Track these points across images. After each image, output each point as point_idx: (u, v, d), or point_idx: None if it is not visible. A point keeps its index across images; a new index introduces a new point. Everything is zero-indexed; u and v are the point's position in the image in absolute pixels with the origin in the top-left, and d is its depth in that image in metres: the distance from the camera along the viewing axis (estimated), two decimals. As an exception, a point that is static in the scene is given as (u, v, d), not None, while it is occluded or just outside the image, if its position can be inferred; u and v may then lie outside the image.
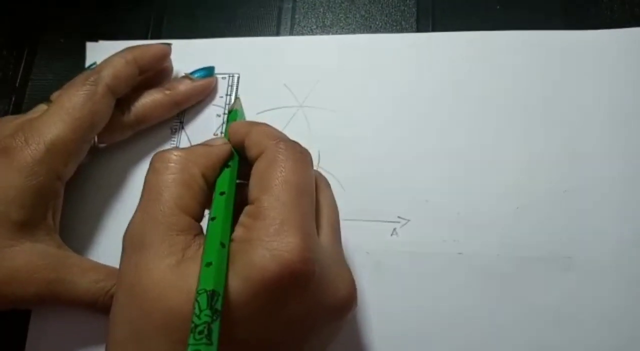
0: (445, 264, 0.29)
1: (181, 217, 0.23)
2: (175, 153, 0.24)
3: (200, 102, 0.34)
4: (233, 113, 0.30)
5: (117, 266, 0.30)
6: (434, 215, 0.30)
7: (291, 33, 0.37)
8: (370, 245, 0.30)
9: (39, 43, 0.39)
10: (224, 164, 0.25)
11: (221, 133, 0.34)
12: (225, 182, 0.25)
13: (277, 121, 0.33)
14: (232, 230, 0.23)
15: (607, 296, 0.28)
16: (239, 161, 0.26)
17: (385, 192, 0.31)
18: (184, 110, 0.34)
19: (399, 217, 0.31)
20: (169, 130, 0.34)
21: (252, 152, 0.25)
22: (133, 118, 0.32)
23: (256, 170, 0.24)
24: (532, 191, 0.30)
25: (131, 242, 0.23)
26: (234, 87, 0.35)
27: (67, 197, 0.31)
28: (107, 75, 0.30)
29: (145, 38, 0.38)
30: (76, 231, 0.32)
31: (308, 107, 0.34)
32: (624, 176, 0.30)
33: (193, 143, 0.34)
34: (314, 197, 0.24)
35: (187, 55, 0.35)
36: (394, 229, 0.31)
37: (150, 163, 0.24)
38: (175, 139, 0.34)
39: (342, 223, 0.30)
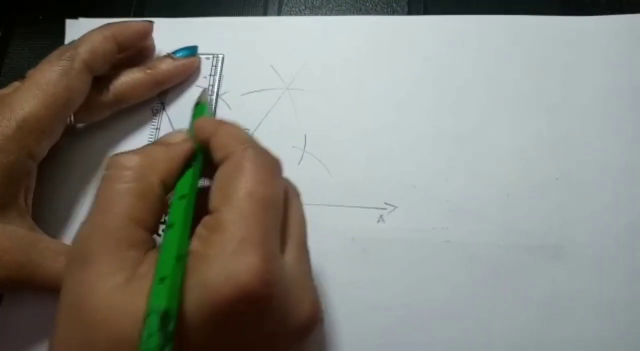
0: (433, 252, 0.29)
1: (134, 230, 0.21)
2: (132, 159, 0.22)
3: (183, 83, 0.33)
4: (199, 107, 0.27)
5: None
6: (422, 202, 0.30)
7: (279, 13, 0.35)
8: (356, 231, 0.29)
9: (16, 19, 0.37)
10: (186, 165, 0.23)
11: None
12: (186, 184, 0.22)
13: (262, 103, 0.33)
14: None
15: (597, 285, 0.28)
16: (204, 160, 0.24)
17: (372, 178, 0.30)
18: (165, 90, 0.33)
19: (386, 204, 0.30)
20: (150, 111, 0.33)
21: (217, 154, 0.22)
22: (112, 97, 0.31)
23: (219, 177, 0.22)
24: (523, 178, 0.29)
25: (77, 256, 0.20)
26: (218, 68, 0.34)
27: (41, 178, 0.29)
28: (84, 50, 0.29)
29: (128, 16, 0.36)
30: (50, 214, 0.31)
31: (295, 89, 0.33)
32: (617, 165, 0.29)
33: (174, 125, 0.33)
34: (280, 211, 0.22)
35: (170, 34, 0.34)
36: (381, 216, 0.30)
37: (105, 168, 0.22)
38: (157, 120, 0.33)
39: (327, 209, 0.30)
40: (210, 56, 0.34)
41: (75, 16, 0.36)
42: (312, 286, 0.22)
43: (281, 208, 0.22)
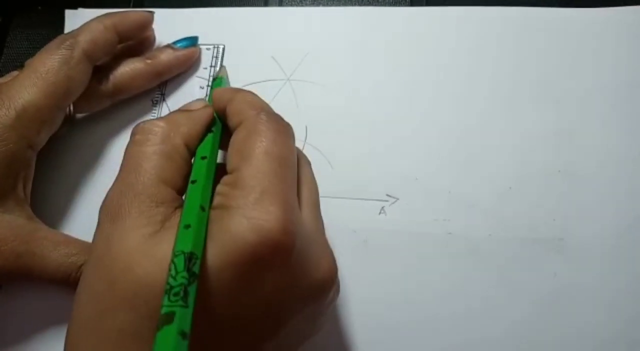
0: (435, 244, 0.28)
1: (162, 188, 0.21)
2: (157, 124, 0.23)
3: (183, 73, 0.33)
4: (218, 81, 0.29)
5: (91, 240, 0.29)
6: (424, 194, 0.29)
7: (280, 4, 0.35)
8: (358, 223, 0.29)
9: (15, 9, 0.37)
10: (207, 130, 0.24)
11: None
12: (207, 147, 0.23)
13: (263, 94, 0.31)
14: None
15: (599, 278, 0.27)
16: (222, 128, 0.25)
17: (374, 169, 0.30)
18: (165, 81, 0.33)
19: (387, 195, 0.30)
20: (150, 102, 0.33)
21: (232, 120, 0.24)
22: (111, 88, 0.31)
23: (235, 140, 0.22)
24: (526, 171, 0.29)
25: (107, 212, 0.21)
26: (219, 59, 0.33)
27: (40, 168, 0.29)
28: (84, 39, 0.29)
29: (127, 7, 0.36)
30: (49, 204, 0.31)
31: (296, 80, 0.32)
32: (620, 158, 0.29)
33: (175, 116, 0.32)
34: (295, 171, 0.22)
35: (171, 25, 0.34)
36: (382, 207, 0.29)
37: (131, 135, 0.23)
38: (156, 111, 0.33)
39: (329, 201, 0.30)
40: (211, 47, 0.34)
41: (74, 6, 0.35)
42: (329, 247, 0.23)
43: (296, 169, 0.23)
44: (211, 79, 0.33)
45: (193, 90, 0.33)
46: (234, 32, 0.34)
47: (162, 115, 0.32)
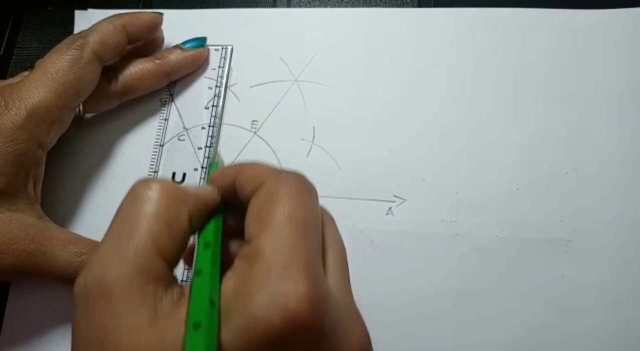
0: (442, 244, 0.29)
1: (156, 260, 0.19)
2: (163, 183, 0.20)
3: (191, 74, 0.33)
4: (215, 165, 0.27)
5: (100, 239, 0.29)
6: (432, 195, 0.29)
7: (288, 5, 0.35)
8: (365, 223, 0.29)
9: (25, 10, 0.37)
10: (211, 215, 0.22)
11: (213, 106, 0.32)
12: (210, 233, 0.21)
13: (271, 95, 0.33)
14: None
15: (606, 279, 0.27)
16: (225, 213, 0.23)
17: (381, 170, 0.30)
18: (174, 81, 0.33)
19: (394, 196, 0.30)
20: (159, 102, 0.33)
21: (247, 188, 0.21)
22: (120, 87, 0.31)
23: (254, 205, 0.20)
24: (533, 172, 0.29)
25: (92, 283, 0.18)
26: (227, 60, 0.33)
27: (50, 168, 0.29)
28: (93, 40, 0.29)
29: (136, 8, 0.36)
30: (58, 203, 0.31)
31: (304, 81, 0.33)
32: (627, 159, 0.29)
33: (183, 116, 0.33)
34: (320, 234, 0.20)
35: (179, 26, 0.34)
36: (390, 208, 0.30)
37: (131, 189, 0.20)
38: (165, 111, 0.33)
39: (336, 201, 0.30)
40: (219, 48, 0.34)
41: (84, 7, 0.36)
42: (360, 316, 0.21)
43: (320, 232, 0.21)
44: (219, 79, 0.33)
45: (201, 91, 0.33)
46: (242, 33, 0.34)
47: (171, 115, 0.33)
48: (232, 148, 0.32)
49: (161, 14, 0.33)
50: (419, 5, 0.34)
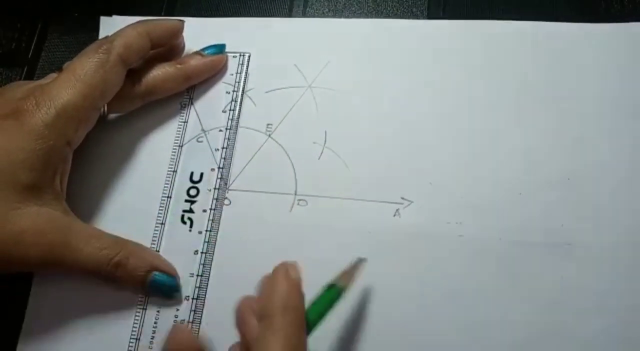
0: (447, 246, 0.30)
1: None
2: None
3: (210, 79, 0.35)
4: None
5: (122, 236, 0.30)
6: (438, 198, 0.31)
7: (304, 15, 0.37)
8: (373, 225, 0.31)
9: (53, 16, 0.39)
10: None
11: (230, 110, 0.34)
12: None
13: (285, 100, 0.34)
14: None
15: (606, 283, 0.28)
16: None
17: (389, 174, 0.31)
18: (193, 86, 0.35)
19: (402, 199, 0.31)
20: (179, 105, 0.35)
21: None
22: (143, 89, 0.33)
23: None
24: (536, 177, 0.30)
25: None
26: (244, 66, 0.35)
27: (74, 165, 0.31)
28: (119, 44, 0.31)
29: (159, 15, 0.38)
30: (82, 199, 0.33)
31: (317, 87, 0.34)
32: (629, 165, 0.30)
33: (202, 119, 0.34)
34: None
35: (199, 33, 0.36)
36: (397, 210, 0.31)
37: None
38: (185, 114, 0.34)
39: (346, 202, 0.31)
40: (237, 55, 0.35)
41: (109, 14, 0.37)
42: None
43: None
44: (236, 85, 0.34)
45: (220, 95, 0.34)
46: (259, 41, 0.35)
47: (190, 117, 0.34)
48: (247, 150, 0.33)
49: (182, 21, 0.34)
50: (428, 16, 0.35)
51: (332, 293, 0.26)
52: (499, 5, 0.35)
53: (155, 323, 0.30)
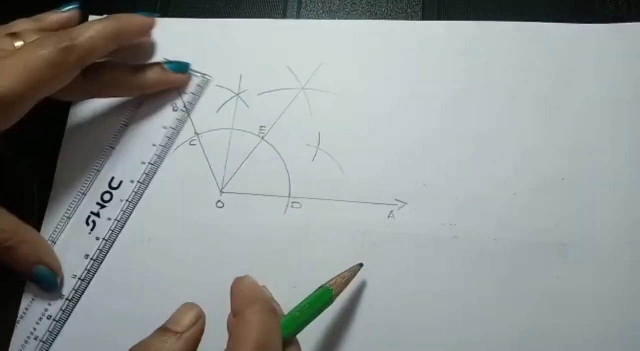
0: (441, 247, 0.30)
1: None
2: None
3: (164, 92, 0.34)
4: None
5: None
6: (432, 199, 0.31)
7: (297, 16, 0.37)
8: (367, 226, 0.30)
9: (40, 13, 0.38)
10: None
11: (170, 128, 0.34)
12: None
13: (279, 102, 0.34)
14: None
15: (601, 283, 0.28)
16: None
17: (383, 175, 0.31)
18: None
19: (396, 200, 0.31)
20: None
21: None
22: (94, 88, 0.32)
23: None
24: (530, 178, 0.30)
25: None
26: (203, 88, 0.34)
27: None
28: (82, 48, 0.29)
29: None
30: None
31: (310, 89, 0.34)
32: (623, 166, 0.30)
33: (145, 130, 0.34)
34: None
35: (192, 34, 0.36)
36: (391, 212, 0.31)
37: None
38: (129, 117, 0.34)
39: (341, 204, 0.31)
40: (199, 75, 0.35)
41: (100, 13, 0.37)
42: None
43: None
44: (188, 105, 0.34)
45: (166, 111, 0.34)
46: (252, 42, 0.35)
47: (132, 123, 0.34)
48: (241, 152, 0.33)
49: (155, 17, 0.34)
50: (423, 17, 0.35)
51: (324, 294, 0.26)
52: (494, 6, 0.35)
53: (26, 309, 0.31)
